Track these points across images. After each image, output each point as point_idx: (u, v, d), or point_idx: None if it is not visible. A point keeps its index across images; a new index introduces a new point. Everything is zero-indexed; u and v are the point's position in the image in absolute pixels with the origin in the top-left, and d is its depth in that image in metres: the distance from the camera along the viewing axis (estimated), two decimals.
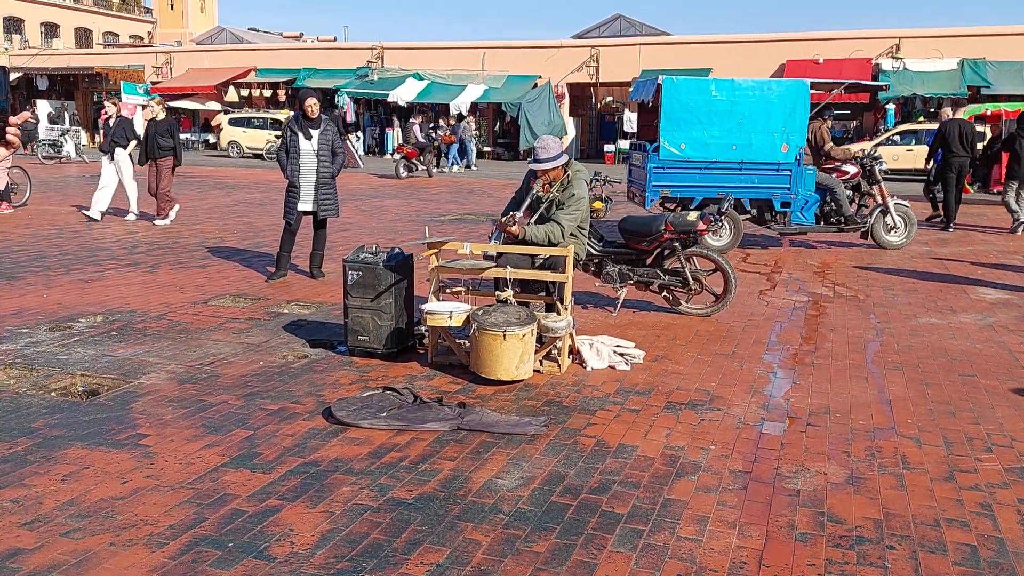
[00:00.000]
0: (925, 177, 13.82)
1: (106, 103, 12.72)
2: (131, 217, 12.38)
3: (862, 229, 10.27)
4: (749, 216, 10.16)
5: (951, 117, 12.75)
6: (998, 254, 10.26)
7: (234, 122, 30.29)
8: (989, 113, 16.65)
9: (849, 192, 10.24)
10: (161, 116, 11.99)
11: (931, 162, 13.09)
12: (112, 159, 12.22)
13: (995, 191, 16.07)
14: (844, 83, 11.67)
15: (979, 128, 16.51)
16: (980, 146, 15.02)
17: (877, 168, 10.25)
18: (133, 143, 12.30)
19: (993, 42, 27.13)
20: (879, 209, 10.34)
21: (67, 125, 30.63)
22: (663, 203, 10.33)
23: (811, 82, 10.11)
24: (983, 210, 15.21)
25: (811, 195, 9.96)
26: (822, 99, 11.77)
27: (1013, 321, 6.75)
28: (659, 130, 9.86)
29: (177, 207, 12.28)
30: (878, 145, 23.37)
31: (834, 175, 10.22)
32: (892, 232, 10.45)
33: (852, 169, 10.32)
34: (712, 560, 3.02)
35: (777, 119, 9.74)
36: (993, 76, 26.17)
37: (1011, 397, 4.87)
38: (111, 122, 12.40)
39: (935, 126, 22.92)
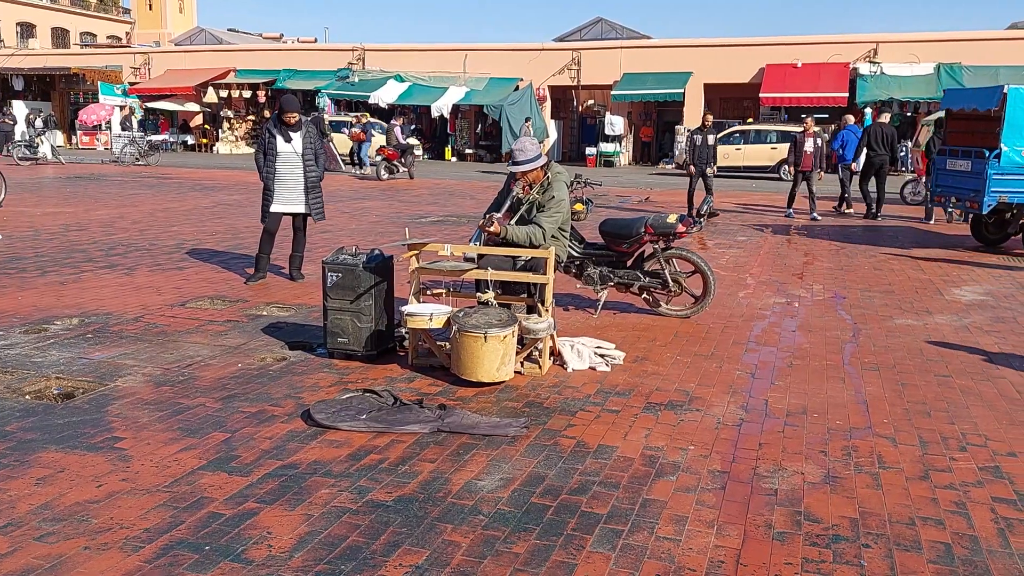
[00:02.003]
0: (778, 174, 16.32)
1: None
2: None
3: None
4: None
5: (876, 121, 14.79)
6: (971, 255, 10.39)
7: None
8: None
9: None
10: None
11: (855, 162, 14.60)
12: None
13: None
14: None
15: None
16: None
17: None
18: None
19: (969, 47, 27.53)
20: None
21: (41, 126, 30.38)
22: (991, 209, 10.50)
23: None
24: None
25: None
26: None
27: (987, 322, 6.84)
28: (1001, 137, 10.15)
29: None
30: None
31: None
32: None
33: None
34: (690, 559, 3.03)
35: None
36: (969, 80, 26.52)
37: (985, 397, 4.93)
38: None
39: (763, 127, 26.12)
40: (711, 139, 13.97)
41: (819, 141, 14.37)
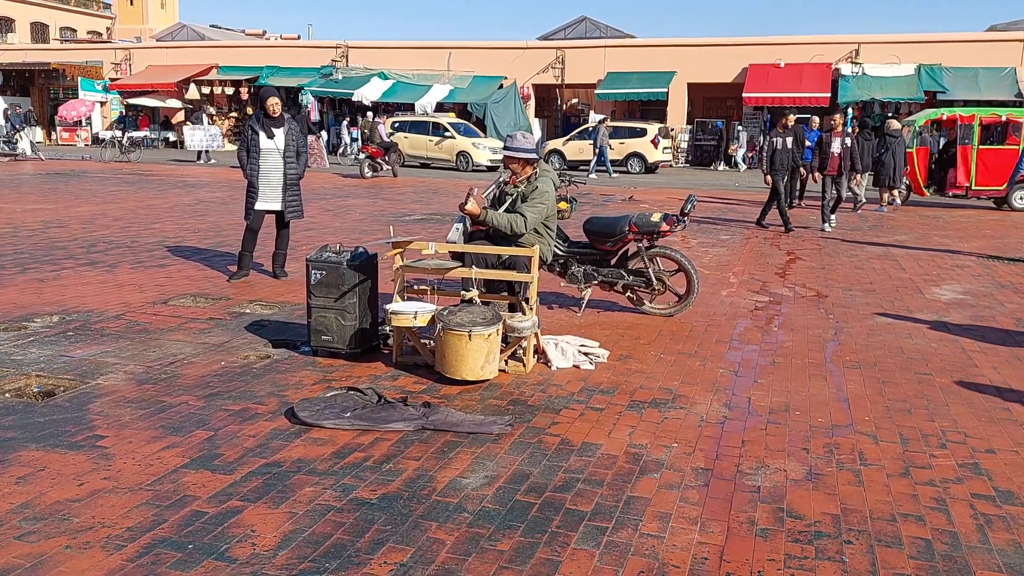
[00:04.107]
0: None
1: None
2: None
3: None
4: None
5: (789, 125, 13.58)
6: (952, 255, 10.49)
7: (397, 126, 26.80)
8: (945, 118, 17.00)
9: None
10: None
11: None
12: None
13: (950, 194, 16.45)
14: None
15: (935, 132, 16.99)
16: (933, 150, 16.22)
17: None
18: None
19: (949, 48, 27.79)
20: None
21: (20, 123, 30.04)
22: None
23: None
24: (939, 212, 15.55)
25: None
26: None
27: (967, 320, 6.91)
28: None
29: None
30: (569, 140, 27.43)
31: None
32: None
33: None
34: (674, 556, 3.05)
35: None
36: (949, 81, 26.79)
37: (964, 395, 4.99)
38: None
39: (616, 124, 27.20)
40: (790, 142, 12.53)
41: (848, 141, 12.56)
